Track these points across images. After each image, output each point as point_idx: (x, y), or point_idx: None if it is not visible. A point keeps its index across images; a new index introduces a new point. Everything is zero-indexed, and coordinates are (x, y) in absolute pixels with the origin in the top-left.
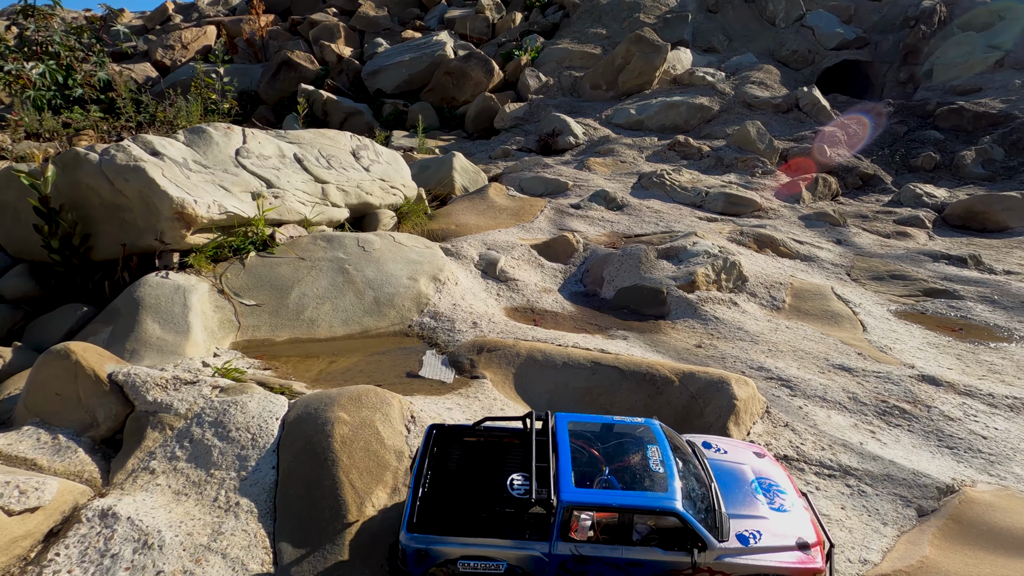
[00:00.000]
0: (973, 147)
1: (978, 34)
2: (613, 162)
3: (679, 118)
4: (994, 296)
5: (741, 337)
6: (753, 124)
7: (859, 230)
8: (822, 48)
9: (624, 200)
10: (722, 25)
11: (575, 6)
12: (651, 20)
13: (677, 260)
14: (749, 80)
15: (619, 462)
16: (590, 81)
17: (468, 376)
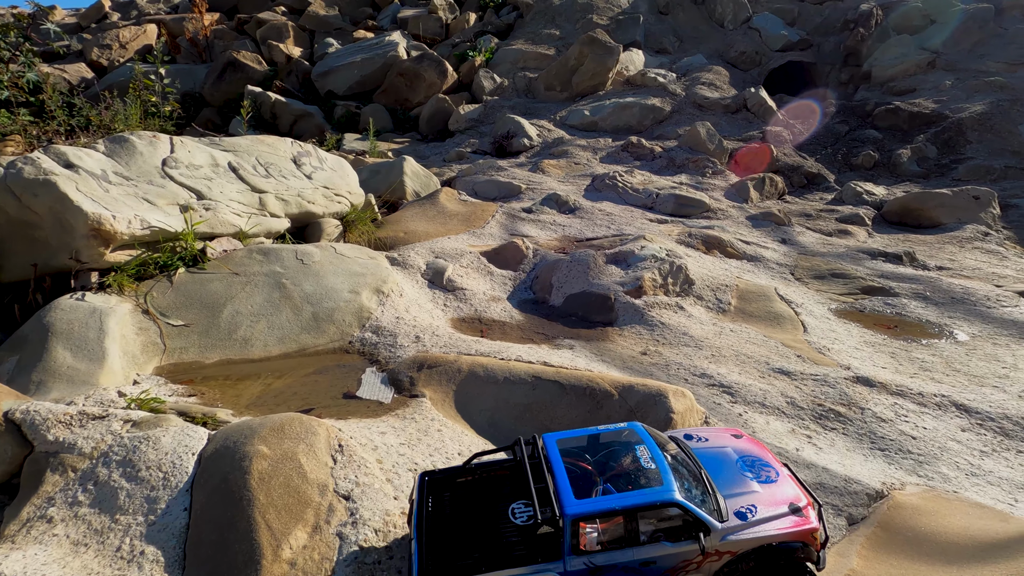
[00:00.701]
0: (909, 146)
1: (911, 36)
2: (567, 164)
3: (632, 119)
4: (926, 293)
5: (686, 343)
6: (703, 125)
7: (803, 229)
8: (768, 49)
9: (576, 203)
10: (673, 27)
11: (529, 7)
12: (604, 21)
13: (625, 265)
14: (699, 81)
15: (613, 469)
16: (544, 82)
17: (407, 395)
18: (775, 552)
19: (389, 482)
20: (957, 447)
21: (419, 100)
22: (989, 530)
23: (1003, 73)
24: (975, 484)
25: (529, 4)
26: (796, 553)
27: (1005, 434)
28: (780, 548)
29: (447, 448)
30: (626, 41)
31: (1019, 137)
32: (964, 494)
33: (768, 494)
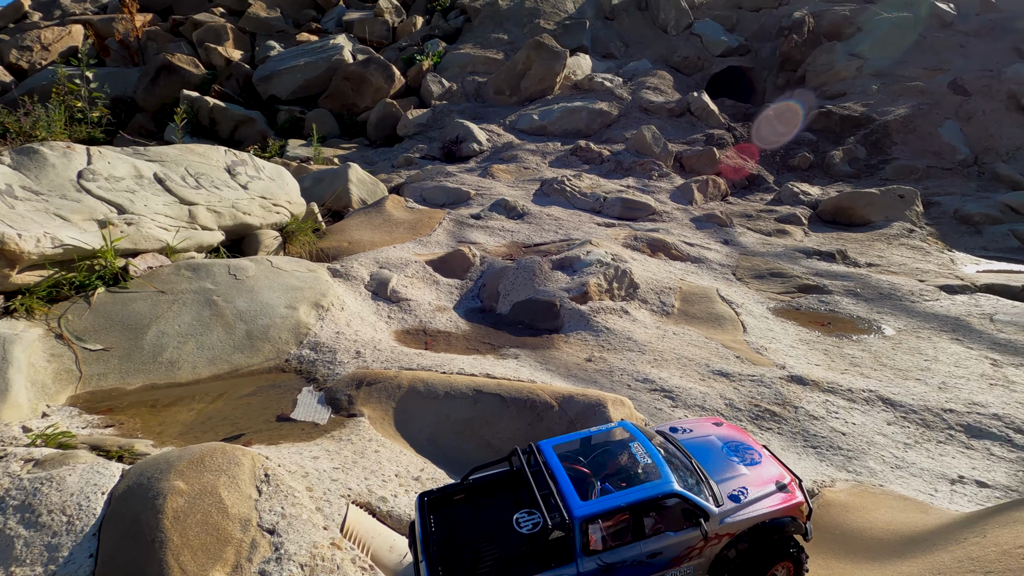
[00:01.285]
0: (841, 147)
1: (841, 44)
2: (517, 168)
3: (581, 123)
4: (857, 289)
5: (630, 348)
6: (648, 128)
7: (744, 229)
8: (710, 55)
9: (525, 208)
10: (619, 32)
11: (476, 11)
12: (551, 26)
13: (571, 270)
14: (645, 86)
15: (611, 467)
16: (493, 86)
17: (345, 415)
18: (768, 529)
19: (319, 511)
20: (883, 441)
21: (366, 105)
22: (910, 523)
23: (923, 79)
24: (899, 477)
25: (477, 8)
26: (787, 528)
27: (926, 425)
28: (772, 524)
29: (384, 470)
30: (573, 46)
31: (939, 139)
32: (889, 487)
33: (755, 475)
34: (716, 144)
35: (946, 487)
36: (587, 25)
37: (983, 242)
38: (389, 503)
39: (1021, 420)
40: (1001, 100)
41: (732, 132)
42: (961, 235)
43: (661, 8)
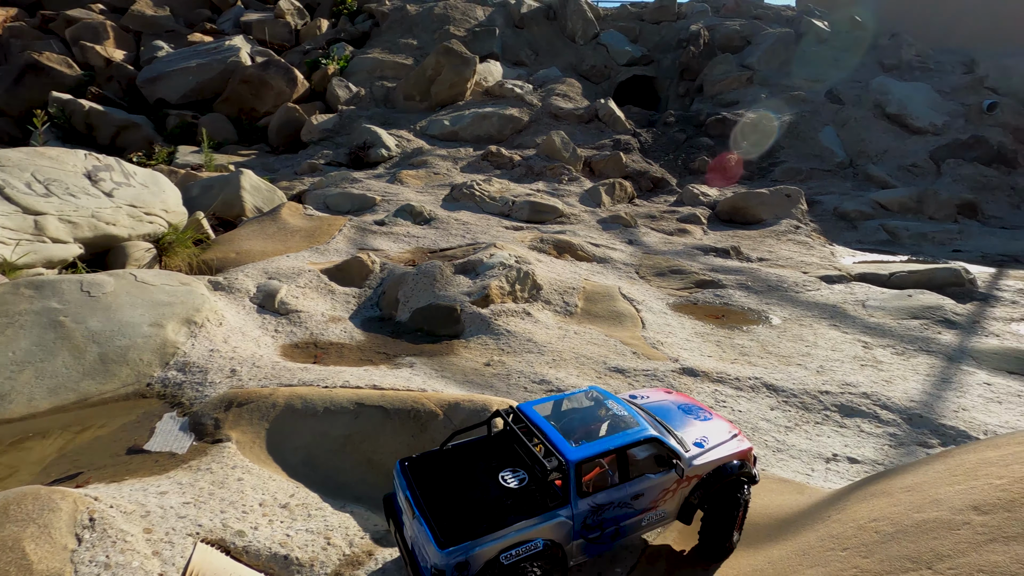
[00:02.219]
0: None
1: (733, 55)
2: (427, 174)
3: (492, 128)
4: (748, 283)
5: (530, 349)
6: (558, 134)
7: (648, 230)
8: (616, 64)
9: (432, 213)
10: (529, 40)
11: (385, 16)
12: (461, 33)
13: (474, 274)
14: (554, 92)
15: (592, 421)
16: (403, 92)
17: (209, 441)
18: (728, 470)
19: (156, 555)
20: (767, 426)
21: (267, 110)
22: (786, 505)
23: (804, 89)
24: (781, 460)
25: (385, 13)
26: (742, 471)
27: (805, 408)
28: (730, 468)
29: (246, 500)
30: (483, 53)
31: (819, 143)
32: (771, 471)
33: (710, 428)
34: (623, 149)
35: (822, 466)
36: (497, 33)
37: (859, 236)
38: (247, 537)
39: (887, 397)
40: (869, 108)
41: (637, 138)
42: (840, 230)
43: (569, 18)
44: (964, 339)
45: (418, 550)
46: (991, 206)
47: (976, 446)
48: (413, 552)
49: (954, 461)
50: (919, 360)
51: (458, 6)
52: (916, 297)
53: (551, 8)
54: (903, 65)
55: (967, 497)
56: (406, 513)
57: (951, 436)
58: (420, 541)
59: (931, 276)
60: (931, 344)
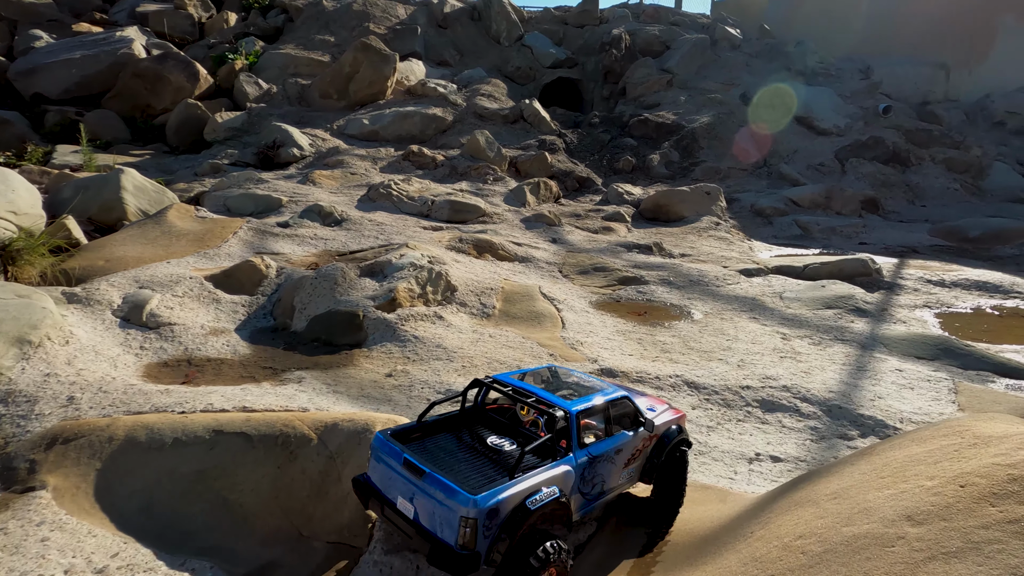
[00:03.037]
0: (658, 151)
1: (653, 59)
2: (342, 174)
3: (414, 128)
4: (670, 278)
5: (438, 356)
6: (482, 134)
7: (572, 228)
8: (540, 66)
9: (345, 214)
10: (452, 40)
11: (299, 10)
12: (381, 30)
13: (381, 277)
14: (479, 93)
15: (566, 386)
16: (319, 90)
17: (18, 490)
18: (676, 431)
19: None
20: (688, 427)
21: (164, 107)
22: (707, 518)
23: (720, 92)
24: (703, 464)
25: (299, 8)
26: (683, 433)
27: (727, 405)
28: (677, 428)
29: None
30: (406, 51)
31: (735, 143)
32: (694, 477)
33: (647, 400)
34: (548, 149)
35: (744, 467)
36: (419, 32)
37: (774, 231)
38: None
39: (806, 389)
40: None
41: (563, 138)
42: (757, 226)
43: (493, 20)
44: (875, 327)
45: (428, 514)
46: (890, 202)
47: (901, 441)
48: (417, 521)
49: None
50: (835, 349)
51: (378, 3)
52: (829, 287)
53: (475, 9)
54: (808, 71)
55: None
56: (402, 482)
57: (869, 426)
58: (434, 501)
59: (841, 267)
60: (845, 333)
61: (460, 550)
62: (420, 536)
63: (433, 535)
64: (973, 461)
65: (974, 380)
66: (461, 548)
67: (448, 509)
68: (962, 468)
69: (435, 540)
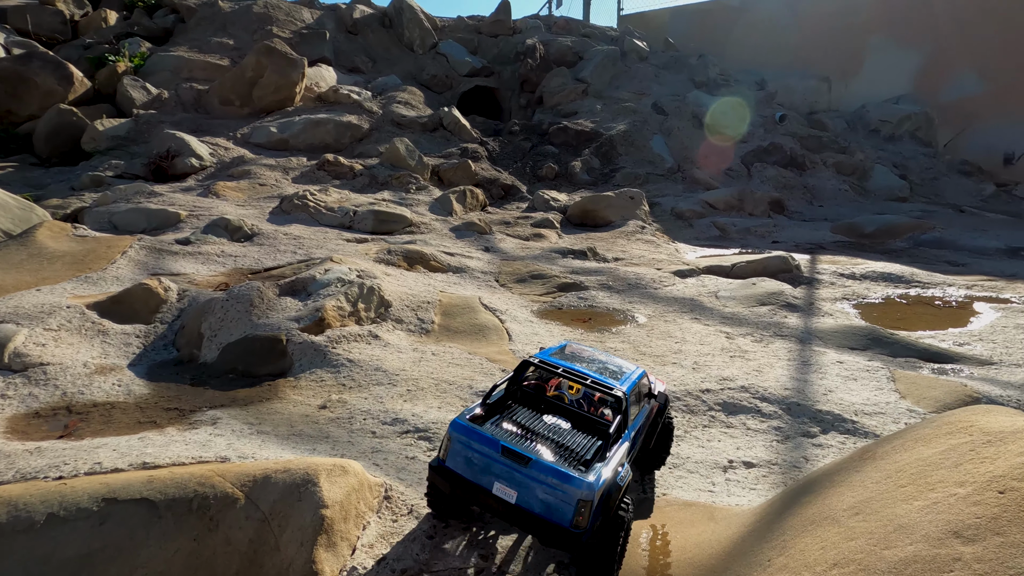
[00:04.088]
0: (579, 158)
1: (568, 69)
2: (250, 186)
3: (328, 136)
4: (609, 283)
5: (378, 380)
6: (402, 141)
7: (504, 236)
8: (457, 74)
9: (256, 228)
10: (364, 47)
11: (192, 11)
12: (286, 34)
13: (305, 295)
14: (395, 100)
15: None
16: (219, 95)
17: None
18: (663, 400)
19: None
20: None
21: (31, 113)
22: (704, 542)
23: (633, 101)
24: (679, 477)
25: (192, 8)
26: (667, 400)
27: (691, 411)
28: (665, 397)
29: None
30: (314, 57)
31: (651, 150)
32: (673, 494)
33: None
34: (471, 157)
35: (721, 478)
36: (328, 36)
37: (695, 233)
38: None
39: (763, 388)
40: (688, 119)
41: (485, 146)
42: (679, 228)
43: (405, 27)
44: (807, 321)
45: (536, 499)
46: (792, 203)
47: (901, 441)
48: (520, 505)
49: (890, 465)
50: (777, 345)
51: (281, 6)
52: (760, 285)
53: (386, 15)
54: (710, 82)
55: (937, 519)
56: (500, 468)
57: (828, 421)
58: (544, 487)
59: (765, 265)
60: (782, 328)
61: (575, 529)
62: (525, 520)
63: (543, 518)
64: (999, 462)
65: (904, 367)
66: (575, 528)
67: (564, 493)
68: (990, 471)
69: (546, 523)
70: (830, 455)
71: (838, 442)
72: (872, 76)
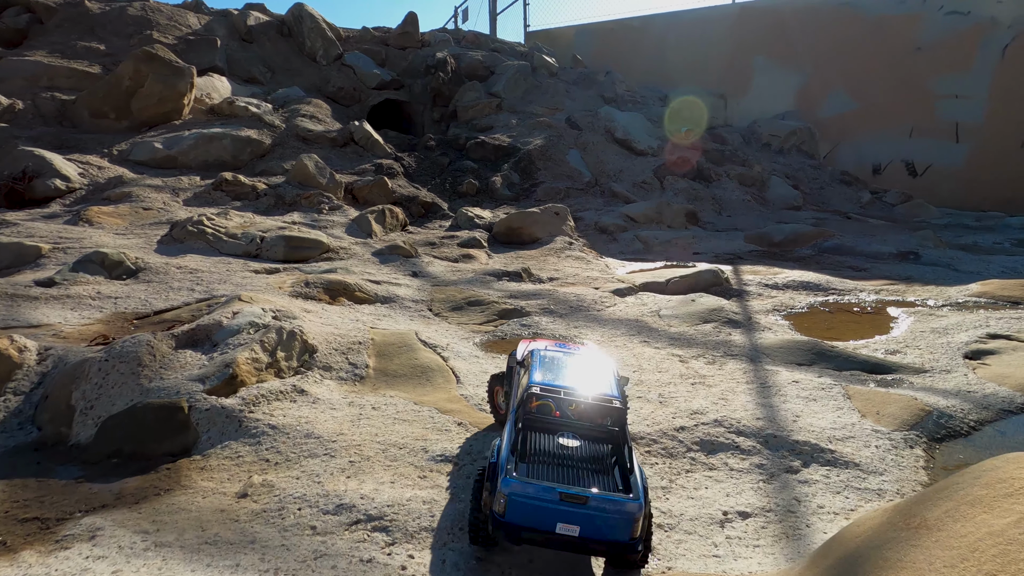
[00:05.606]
0: (499, 173)
1: (480, 83)
2: (132, 210)
3: (225, 153)
4: (551, 306)
5: (312, 450)
6: (310, 158)
7: (431, 258)
8: (365, 87)
9: (141, 262)
10: (261, 56)
11: (51, 11)
12: (169, 40)
13: (210, 346)
14: (300, 113)
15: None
16: (90, 107)
17: None
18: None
19: None
20: None
21: None
22: None
23: (547, 116)
24: (678, 542)
25: (52, 8)
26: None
27: (670, 455)
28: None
29: None
30: (204, 65)
31: (568, 165)
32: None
33: None
34: (387, 174)
35: (721, 536)
36: (219, 44)
37: (620, 247)
38: None
39: (735, 420)
40: (602, 134)
41: (401, 162)
42: (604, 243)
43: (306, 36)
44: (750, 337)
45: (597, 527)
46: (704, 214)
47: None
48: (585, 537)
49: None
50: (731, 367)
51: (163, 10)
52: (699, 301)
53: (284, 24)
54: (618, 98)
55: None
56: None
57: (808, 452)
58: (603, 515)
59: (697, 279)
60: (731, 347)
61: (633, 541)
62: (591, 547)
63: (608, 540)
64: None
65: (852, 381)
66: (634, 540)
67: (621, 516)
68: None
69: (611, 543)
70: (819, 492)
71: (822, 476)
72: (760, 94)
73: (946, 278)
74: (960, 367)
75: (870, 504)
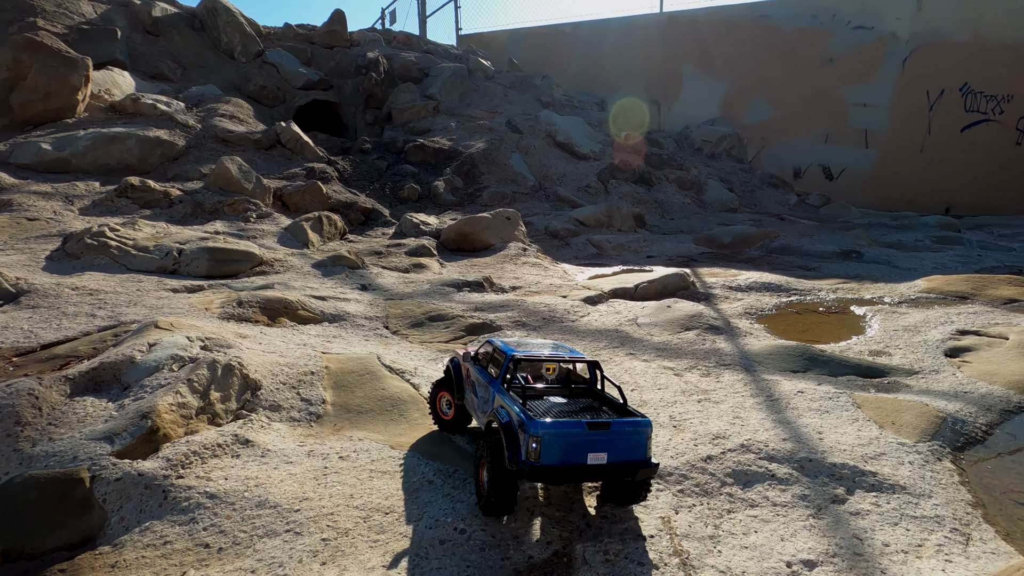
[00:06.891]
0: (442, 178)
1: (415, 85)
2: (12, 221)
3: (130, 155)
4: (522, 319)
5: (269, 526)
6: (233, 161)
7: (380, 269)
8: (291, 87)
9: (24, 283)
10: (170, 51)
11: None
12: (58, 29)
13: (119, 390)
14: (218, 113)
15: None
16: None
17: None
18: None
19: None
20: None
21: None
22: None
23: (487, 119)
24: None
25: None
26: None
27: (705, 493)
28: None
29: None
30: (102, 58)
31: (511, 169)
32: None
33: None
34: (320, 179)
35: None
36: (119, 35)
37: (573, 252)
38: None
39: (761, 442)
40: (543, 138)
41: (335, 166)
42: (557, 248)
43: (222, 31)
44: (734, 343)
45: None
46: (650, 217)
47: None
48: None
49: None
50: (729, 379)
51: None
52: (675, 307)
53: (196, 17)
54: (556, 102)
55: None
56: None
57: (848, 476)
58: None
59: (665, 284)
60: (721, 356)
61: (650, 459)
62: (617, 471)
63: (630, 462)
64: None
65: (853, 387)
66: (650, 457)
67: (638, 434)
68: None
69: (634, 464)
70: (876, 526)
71: (871, 504)
72: (690, 100)
73: (891, 275)
74: (946, 366)
75: (935, 536)
